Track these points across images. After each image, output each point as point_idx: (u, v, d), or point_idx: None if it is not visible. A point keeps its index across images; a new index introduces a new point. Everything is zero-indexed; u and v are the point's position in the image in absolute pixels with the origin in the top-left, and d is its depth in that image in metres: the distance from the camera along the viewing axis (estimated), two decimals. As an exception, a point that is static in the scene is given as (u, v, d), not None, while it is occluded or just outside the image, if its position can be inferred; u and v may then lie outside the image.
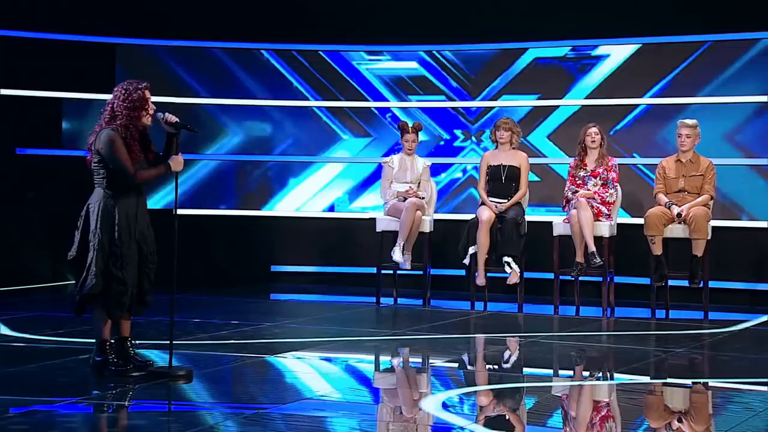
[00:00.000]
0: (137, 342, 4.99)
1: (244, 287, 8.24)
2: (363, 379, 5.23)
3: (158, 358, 5.18)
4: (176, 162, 4.83)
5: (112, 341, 4.83)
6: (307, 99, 8.68)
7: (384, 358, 5.74)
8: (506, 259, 7.14)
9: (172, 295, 4.81)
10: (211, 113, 8.67)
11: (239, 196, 8.75)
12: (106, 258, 4.72)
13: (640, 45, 7.96)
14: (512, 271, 7.15)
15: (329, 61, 8.69)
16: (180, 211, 4.98)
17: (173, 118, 4.87)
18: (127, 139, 4.73)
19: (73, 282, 4.99)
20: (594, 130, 7.20)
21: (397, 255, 7.32)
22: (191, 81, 8.65)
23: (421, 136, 8.42)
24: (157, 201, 8.24)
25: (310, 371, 5.25)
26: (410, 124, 7.61)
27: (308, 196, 8.72)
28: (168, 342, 4.85)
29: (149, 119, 4.83)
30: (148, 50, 8.53)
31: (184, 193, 8.42)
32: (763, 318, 7.01)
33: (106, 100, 4.86)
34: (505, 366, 5.57)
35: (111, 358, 4.79)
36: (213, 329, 6.14)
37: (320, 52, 8.69)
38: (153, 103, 4.85)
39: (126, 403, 4.47)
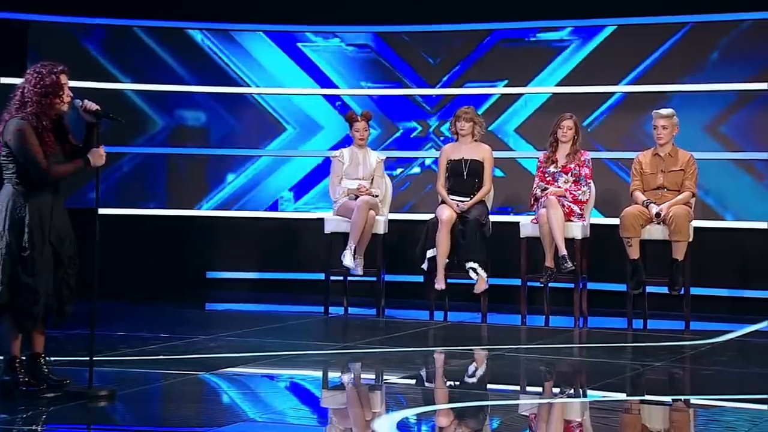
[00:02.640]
0: (52, 359, 4.92)
1: (176, 296, 8.18)
2: (309, 399, 5.22)
3: (76, 376, 5.11)
4: (96, 155, 4.78)
5: (23, 358, 4.77)
6: (246, 85, 8.64)
7: (333, 375, 5.73)
8: (471, 265, 7.17)
9: (93, 304, 4.76)
10: (137, 101, 8.58)
11: (170, 193, 8.68)
12: (15, 264, 4.65)
13: (616, 27, 8.05)
14: (479, 278, 7.18)
15: (271, 42, 8.66)
16: (102, 211, 4.94)
17: (93, 106, 4.81)
18: (39, 129, 4.67)
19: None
20: (568, 123, 7.25)
21: (347, 259, 7.32)
22: (113, 64, 8.55)
23: (375, 128, 8.41)
24: (76, 199, 8.12)
25: (249, 390, 5.23)
26: (358, 113, 7.62)
27: (248, 193, 8.67)
28: (88, 358, 4.79)
29: (65, 106, 4.76)
30: (65, 29, 8.42)
31: (107, 190, 8.33)
32: (749, 328, 7.12)
33: (15, 85, 4.79)
34: (467, 382, 5.59)
35: (21, 378, 4.73)
36: (139, 343, 6.08)
37: (261, 33, 8.65)
38: (70, 89, 4.79)
39: (39, 428, 4.40)
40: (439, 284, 7.22)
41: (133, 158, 8.62)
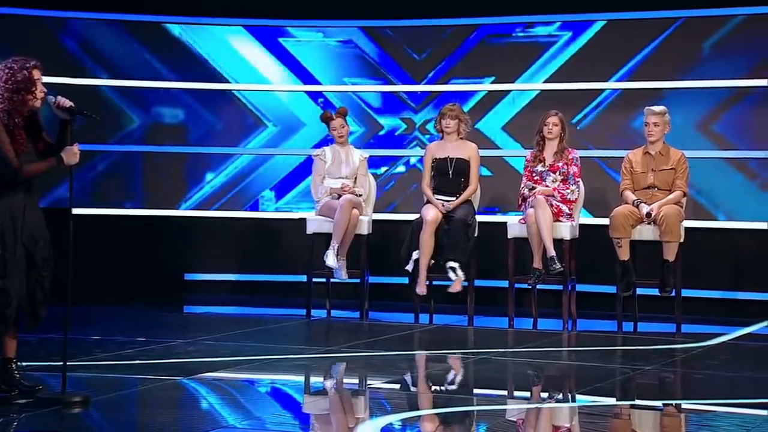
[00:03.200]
0: (24, 363, 4.89)
1: (153, 298, 8.16)
2: (291, 404, 5.21)
3: (49, 382, 5.09)
4: (70, 154, 4.76)
5: (-6, 363, 4.74)
6: (226, 81, 8.63)
7: (315, 380, 5.72)
8: (451, 264, 7.18)
9: (67, 307, 4.74)
10: (113, 97, 8.55)
11: (146, 193, 8.65)
12: (-15, 265, 4.62)
13: (606, 22, 8.08)
14: (456, 279, 7.17)
15: (252, 37, 8.64)
16: (76, 210, 4.91)
17: (67, 103, 4.79)
18: (10, 126, 4.65)
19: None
20: (553, 119, 7.26)
21: (330, 259, 7.31)
22: (88, 59, 8.52)
23: (359, 126, 8.41)
24: (49, 199, 8.09)
25: (229, 395, 5.22)
26: (333, 111, 7.63)
27: (227, 193, 8.66)
28: (61, 363, 4.77)
29: (38, 103, 4.74)
30: (37, 22, 8.37)
31: (82, 190, 8.30)
32: (742, 331, 7.16)
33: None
34: (453, 387, 5.59)
35: (-7, 383, 4.70)
36: (115, 347, 6.06)
37: (242, 27, 8.63)
38: (43, 84, 4.76)
39: (11, 435, 4.38)
40: (421, 288, 7.21)
41: (108, 156, 8.59)
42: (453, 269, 7.18)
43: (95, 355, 5.83)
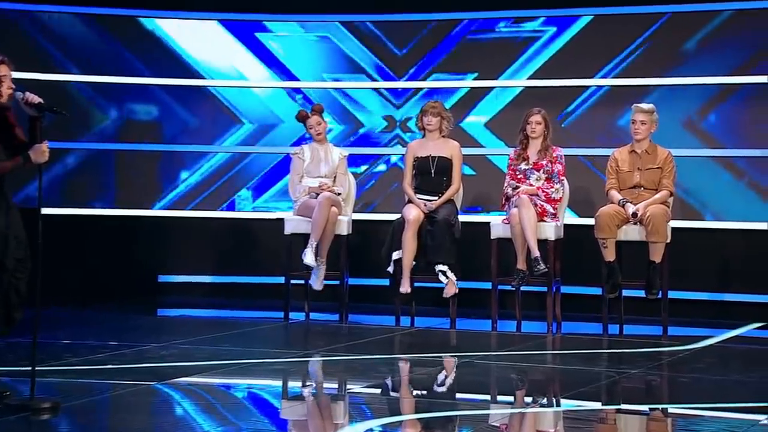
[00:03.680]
0: (-8, 369, 4.88)
1: (125, 301, 8.14)
2: (268, 410, 5.20)
3: (18, 387, 5.06)
4: (38, 152, 4.74)
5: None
6: (201, 77, 8.61)
7: (293, 384, 5.72)
8: (440, 268, 7.20)
9: (36, 310, 4.72)
10: (85, 93, 8.52)
11: (119, 192, 8.63)
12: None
13: (592, 17, 8.10)
14: (449, 282, 7.19)
15: (227, 31, 8.62)
16: (45, 210, 4.89)
17: (36, 99, 4.77)
18: (-24, 123, 4.62)
19: None
20: (536, 117, 7.28)
21: (308, 257, 7.31)
22: (58, 54, 8.48)
23: (339, 123, 8.41)
24: (18, 197, 8.03)
25: (204, 401, 5.21)
26: (308, 109, 7.63)
27: (203, 192, 8.64)
28: (30, 368, 4.74)
29: (6, 99, 4.72)
30: (4, 15, 8.33)
31: (51, 188, 8.27)
32: (729, 333, 7.20)
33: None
34: (435, 391, 5.60)
35: (-41, 389, 4.68)
36: (86, 352, 6.04)
37: (216, 22, 8.61)
38: (12, 80, 4.74)
39: (-22, 442, 4.36)
40: (405, 287, 7.23)
41: (79, 154, 8.56)
42: (443, 272, 7.19)
43: (65, 359, 5.81)
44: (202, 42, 8.61)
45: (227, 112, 8.64)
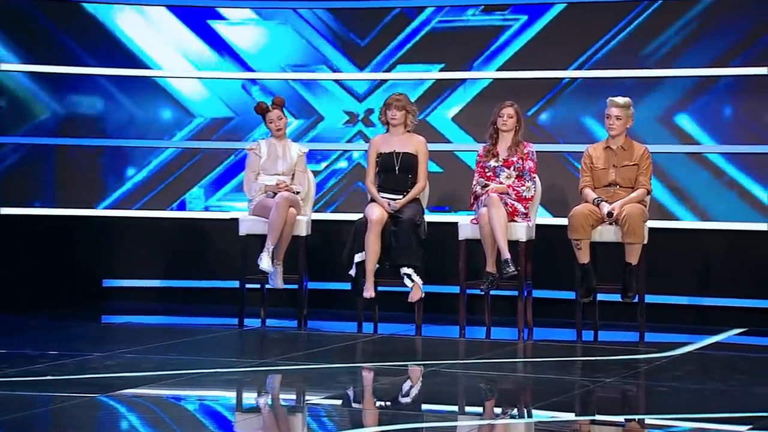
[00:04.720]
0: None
1: (67, 307, 8.10)
2: (221, 423, 5.20)
3: (-48, 400, 5.03)
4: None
5: None
6: (148, 67, 8.57)
7: (248, 396, 5.71)
8: (405, 270, 7.22)
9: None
10: (22, 83, 8.46)
11: (60, 190, 8.58)
12: None
13: (565, 5, 8.15)
14: (414, 285, 7.22)
15: (176, 18, 8.59)
16: (-20, 210, 4.86)
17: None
18: None
19: None
20: (508, 111, 7.32)
21: (264, 262, 7.31)
22: (-4, 42, 8.43)
23: (297, 117, 8.41)
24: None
25: (152, 414, 5.19)
26: (269, 102, 7.63)
27: (151, 190, 8.61)
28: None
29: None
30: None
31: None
32: (709, 340, 7.27)
33: None
34: (399, 402, 5.61)
35: None
36: (24, 362, 6.01)
37: (165, 8, 8.58)
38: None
39: None
40: (368, 292, 7.25)
41: (16, 149, 8.50)
42: (408, 276, 7.21)
43: (1, 370, 5.76)
44: (150, 29, 8.58)
45: (177, 104, 8.61)
